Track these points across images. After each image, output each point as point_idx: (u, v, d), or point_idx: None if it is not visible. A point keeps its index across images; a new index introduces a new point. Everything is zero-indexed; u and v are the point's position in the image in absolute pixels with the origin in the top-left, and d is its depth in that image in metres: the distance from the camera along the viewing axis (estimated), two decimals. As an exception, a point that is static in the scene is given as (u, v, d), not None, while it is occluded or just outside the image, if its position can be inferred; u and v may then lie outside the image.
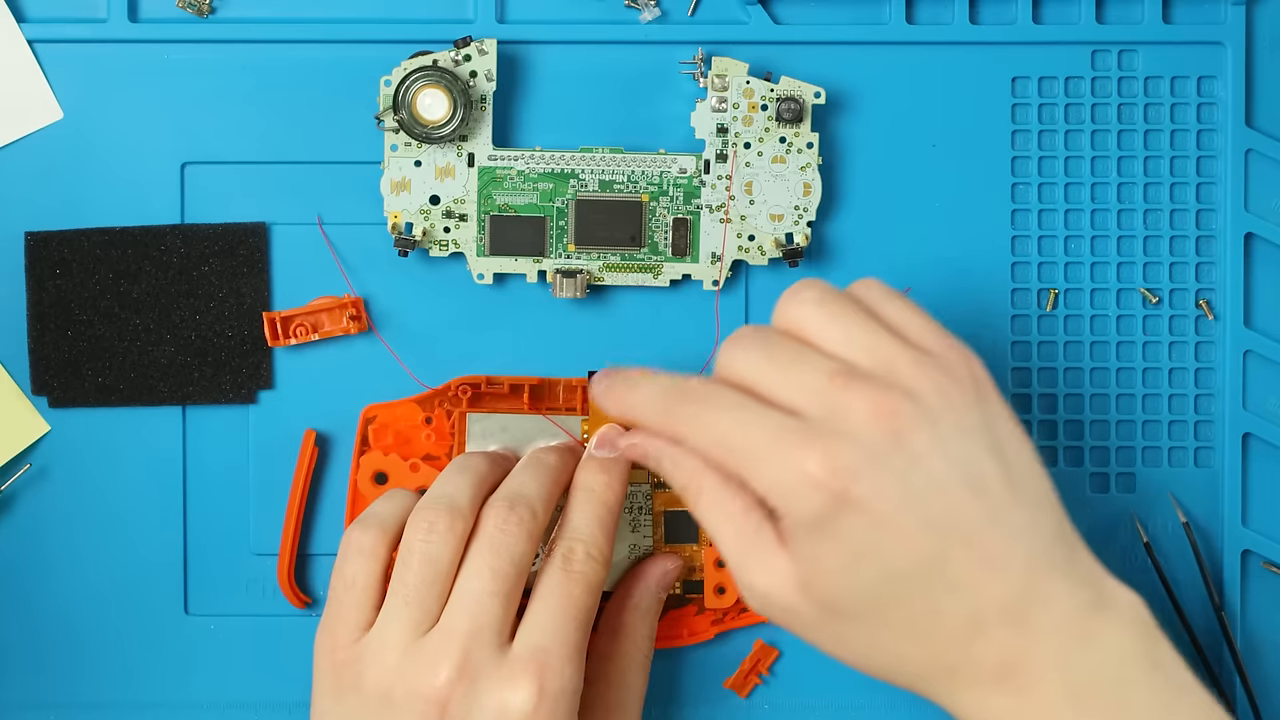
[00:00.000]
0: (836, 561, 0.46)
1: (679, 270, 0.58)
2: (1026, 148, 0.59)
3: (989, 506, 0.46)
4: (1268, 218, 0.59)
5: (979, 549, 0.46)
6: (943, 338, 0.49)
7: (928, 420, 0.46)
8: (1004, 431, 0.48)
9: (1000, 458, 0.47)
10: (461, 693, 0.50)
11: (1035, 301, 0.59)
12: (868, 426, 0.46)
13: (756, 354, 0.49)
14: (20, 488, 0.58)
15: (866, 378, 0.47)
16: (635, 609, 0.57)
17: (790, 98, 0.57)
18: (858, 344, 0.48)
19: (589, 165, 0.58)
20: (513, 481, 0.54)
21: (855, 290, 0.50)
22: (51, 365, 0.58)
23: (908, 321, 0.49)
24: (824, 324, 0.48)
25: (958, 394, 0.47)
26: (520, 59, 0.59)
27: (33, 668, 0.59)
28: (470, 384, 0.58)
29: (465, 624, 0.50)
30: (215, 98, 0.59)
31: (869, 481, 0.46)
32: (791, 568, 0.47)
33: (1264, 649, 0.60)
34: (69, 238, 0.58)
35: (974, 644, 0.46)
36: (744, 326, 0.50)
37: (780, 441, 0.47)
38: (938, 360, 0.48)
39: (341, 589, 0.53)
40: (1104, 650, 0.46)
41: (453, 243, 0.58)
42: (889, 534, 0.46)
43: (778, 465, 0.47)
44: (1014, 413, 0.49)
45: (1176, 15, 0.59)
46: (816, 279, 0.50)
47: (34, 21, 0.58)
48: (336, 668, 0.52)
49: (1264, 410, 0.59)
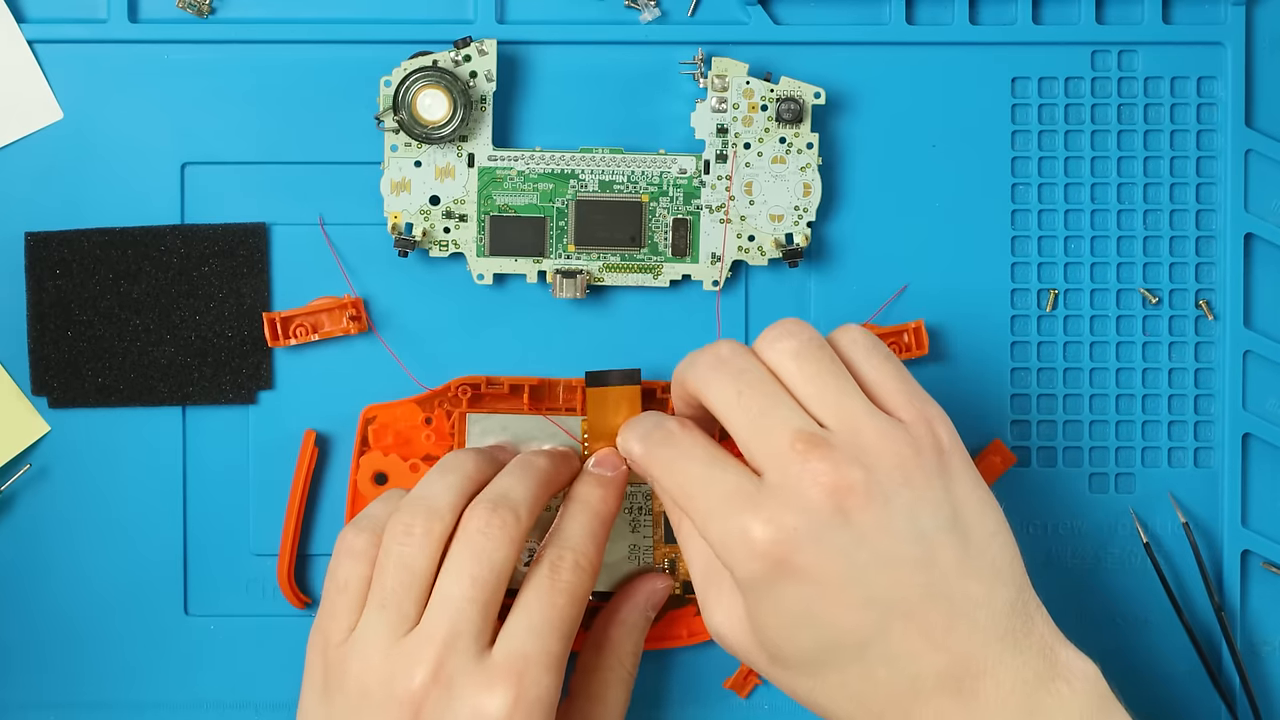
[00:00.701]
0: (775, 621, 0.48)
1: (679, 270, 0.58)
2: (1026, 148, 0.59)
3: (935, 580, 0.47)
4: (1268, 218, 0.59)
5: (919, 622, 0.46)
6: (914, 402, 0.49)
7: (881, 496, 0.47)
8: (965, 503, 0.48)
9: (956, 530, 0.47)
10: (437, 696, 0.50)
11: (1035, 301, 0.59)
12: (819, 499, 0.47)
13: (729, 391, 0.49)
14: (20, 488, 0.58)
15: (826, 448, 0.47)
16: (622, 625, 0.57)
17: (790, 98, 0.57)
18: (828, 404, 0.48)
19: (589, 165, 0.58)
20: (500, 483, 0.54)
21: (837, 340, 0.51)
22: (51, 365, 0.58)
23: (883, 381, 0.49)
24: (798, 379, 0.49)
25: (917, 467, 0.47)
26: (520, 59, 0.59)
27: (32, 668, 0.59)
28: (470, 384, 0.58)
29: (443, 629, 0.50)
30: (215, 98, 0.59)
31: (811, 553, 0.46)
32: (745, 614, 0.49)
33: (1264, 649, 0.60)
34: (69, 238, 0.58)
35: (912, 709, 0.47)
36: (723, 344, 0.51)
37: (731, 503, 0.48)
38: (904, 429, 0.48)
39: (334, 591, 0.53)
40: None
41: (453, 243, 0.58)
42: (827, 605, 0.47)
43: (725, 526, 0.48)
44: (980, 481, 0.49)
45: (1176, 15, 0.59)
46: (800, 324, 0.50)
47: (34, 21, 0.58)
48: (326, 666, 0.52)
49: (1264, 410, 0.59)
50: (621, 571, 0.58)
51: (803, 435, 0.47)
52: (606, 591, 0.58)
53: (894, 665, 0.47)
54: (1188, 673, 0.59)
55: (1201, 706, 0.60)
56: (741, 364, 0.50)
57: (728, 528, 0.48)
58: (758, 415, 0.48)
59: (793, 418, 0.48)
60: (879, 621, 0.46)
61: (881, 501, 0.47)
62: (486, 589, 0.51)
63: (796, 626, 0.48)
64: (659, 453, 0.51)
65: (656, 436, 0.51)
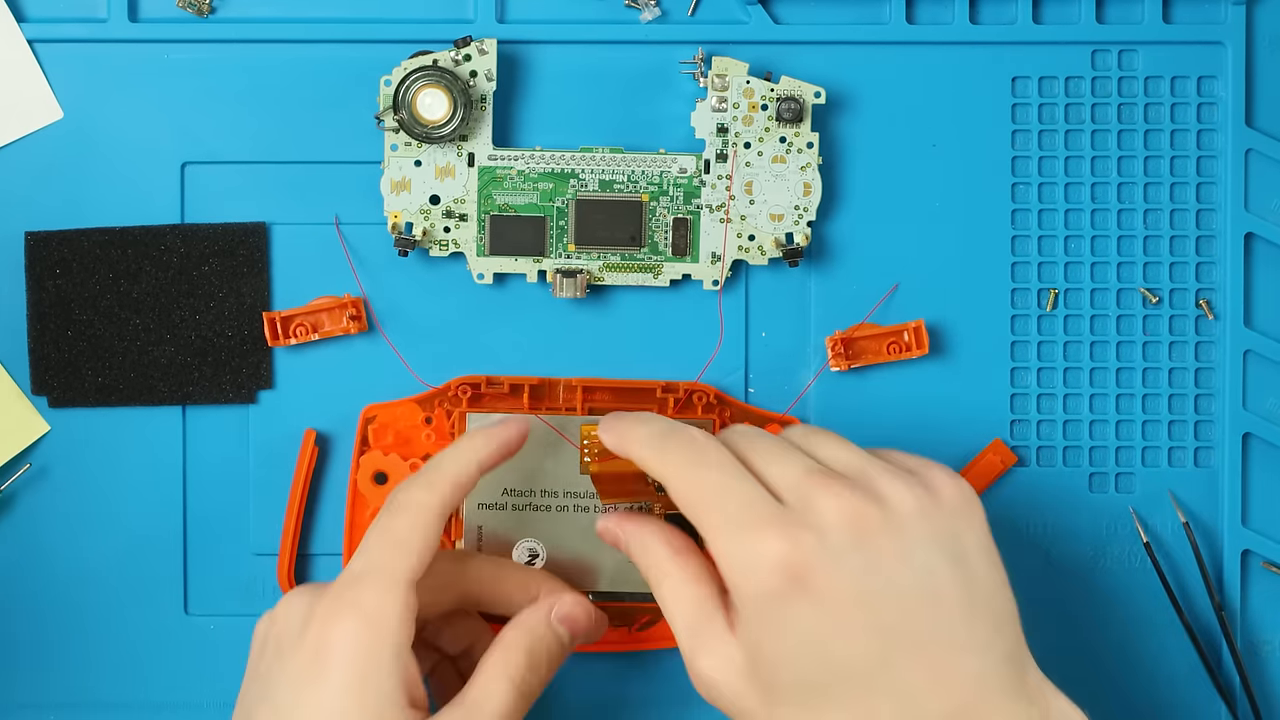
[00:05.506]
0: (780, 645, 0.47)
1: (679, 270, 0.58)
2: (1026, 147, 0.59)
3: (943, 618, 0.47)
4: (1268, 218, 0.59)
5: (926, 658, 0.46)
6: (929, 463, 0.50)
7: (897, 527, 0.47)
8: (974, 554, 0.48)
9: (964, 573, 0.47)
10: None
11: (1035, 301, 0.59)
12: (835, 523, 0.47)
13: (753, 435, 0.50)
14: (20, 488, 0.58)
15: (842, 478, 0.48)
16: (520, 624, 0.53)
17: (790, 98, 0.57)
18: (842, 460, 0.49)
19: (589, 165, 0.58)
20: None
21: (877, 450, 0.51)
22: (51, 365, 0.58)
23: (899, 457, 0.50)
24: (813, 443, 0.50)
25: (931, 505, 0.48)
26: (520, 59, 0.59)
27: (33, 667, 0.59)
28: (470, 384, 0.58)
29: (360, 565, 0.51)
30: (215, 98, 0.59)
31: (825, 575, 0.46)
32: (738, 653, 0.48)
33: (1264, 649, 0.60)
34: (69, 238, 0.58)
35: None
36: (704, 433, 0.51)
37: (749, 514, 0.47)
38: (918, 476, 0.49)
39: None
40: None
41: (453, 243, 0.58)
42: (836, 629, 0.46)
43: (740, 538, 0.47)
44: (993, 545, 0.49)
45: (1176, 15, 0.59)
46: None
47: (34, 21, 0.58)
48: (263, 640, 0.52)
49: (1264, 410, 0.59)
50: (625, 572, 0.58)
51: (819, 468, 0.48)
52: (607, 591, 0.58)
53: (899, 701, 0.46)
54: (1188, 673, 0.59)
55: (1201, 706, 0.60)
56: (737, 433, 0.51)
57: (744, 540, 0.47)
58: (780, 454, 0.49)
59: (807, 460, 0.49)
60: (884, 651, 0.46)
61: (897, 531, 0.47)
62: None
63: (801, 652, 0.47)
64: (674, 453, 0.50)
65: (673, 438, 0.50)
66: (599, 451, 0.58)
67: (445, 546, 0.58)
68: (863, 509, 0.47)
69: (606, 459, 0.58)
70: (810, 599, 0.46)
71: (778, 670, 0.47)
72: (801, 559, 0.46)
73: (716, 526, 0.48)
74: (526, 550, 0.58)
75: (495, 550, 0.58)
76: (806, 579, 0.46)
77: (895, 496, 0.47)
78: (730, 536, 0.47)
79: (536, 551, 0.58)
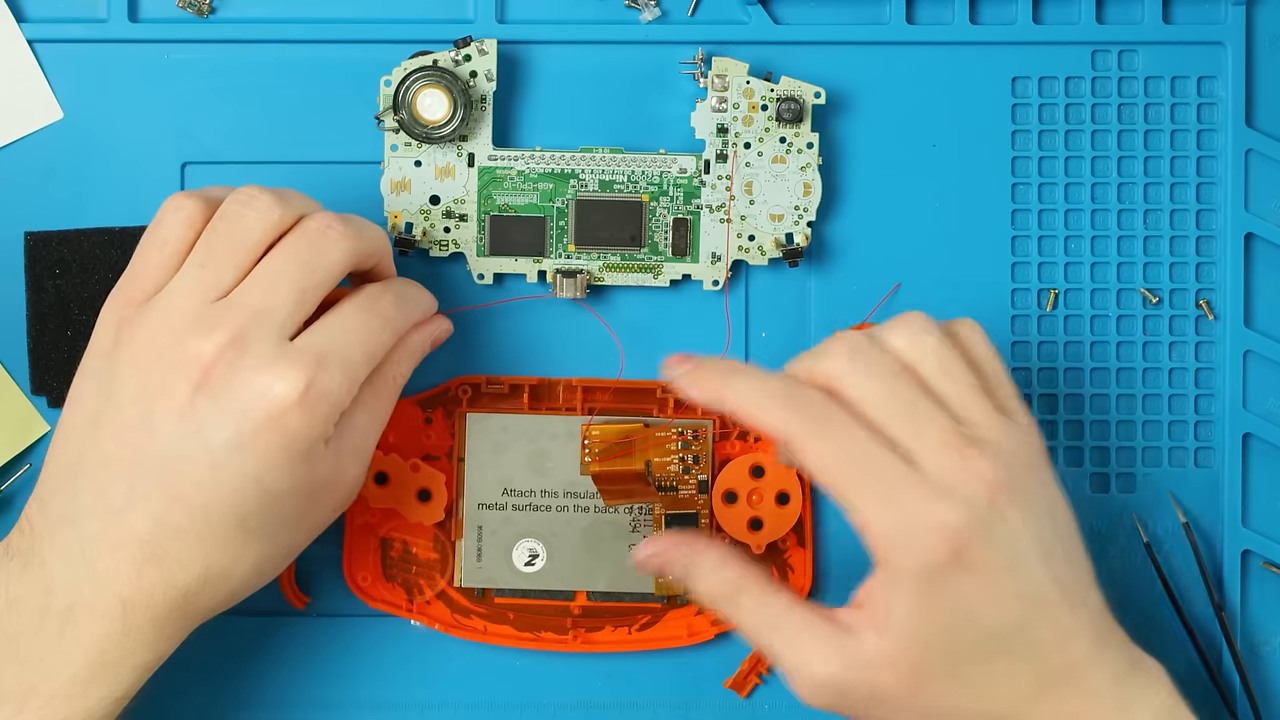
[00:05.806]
0: (938, 618, 0.48)
1: (679, 270, 0.58)
2: (1026, 148, 0.59)
3: (1058, 575, 0.49)
4: (1268, 218, 0.59)
5: (1051, 616, 0.48)
6: (1023, 406, 0.51)
7: (1023, 494, 0.48)
8: (1060, 508, 0.50)
9: (1063, 531, 0.50)
10: (227, 364, 0.49)
11: (1035, 301, 0.59)
12: (980, 493, 0.48)
13: (879, 387, 0.49)
14: (20, 488, 0.58)
15: (979, 447, 0.48)
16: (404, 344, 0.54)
17: (790, 98, 0.57)
18: (965, 405, 0.49)
19: (589, 165, 0.58)
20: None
21: (956, 332, 0.51)
22: (51, 365, 0.58)
23: (1000, 384, 0.51)
24: (938, 376, 0.49)
25: (1043, 467, 0.50)
26: (520, 59, 0.59)
27: (33, 668, 0.59)
28: (470, 384, 0.58)
29: (255, 300, 0.49)
30: (215, 98, 0.59)
31: (981, 546, 0.47)
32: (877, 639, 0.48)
33: (1264, 649, 0.60)
34: (69, 238, 0.58)
35: (1037, 705, 0.48)
36: (854, 335, 0.50)
37: (908, 488, 0.47)
38: (1020, 431, 0.50)
39: (151, 247, 0.51)
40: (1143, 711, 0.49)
41: (453, 243, 0.58)
42: (989, 598, 0.48)
43: (902, 510, 0.47)
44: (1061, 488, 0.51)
45: (1176, 15, 0.59)
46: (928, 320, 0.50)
47: (34, 21, 0.58)
48: (119, 325, 0.51)
49: (1264, 410, 0.59)
50: (625, 572, 0.58)
51: (956, 431, 0.48)
52: (607, 592, 0.58)
53: (1032, 660, 0.48)
54: (1188, 673, 0.59)
55: (1201, 706, 0.59)
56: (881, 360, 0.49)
57: (908, 512, 0.47)
58: (910, 406, 0.49)
59: (940, 414, 0.49)
60: (1024, 615, 0.48)
61: (1025, 498, 0.48)
62: (310, 278, 0.50)
63: (956, 623, 0.48)
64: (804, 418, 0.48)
65: (797, 401, 0.49)
66: (599, 451, 0.58)
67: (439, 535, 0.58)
68: (999, 478, 0.48)
69: (606, 459, 0.58)
70: (969, 570, 0.47)
71: (931, 646, 0.48)
72: (962, 530, 0.47)
73: (874, 496, 0.48)
74: (526, 550, 0.58)
75: (495, 550, 0.58)
76: (966, 551, 0.47)
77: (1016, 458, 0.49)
78: (893, 510, 0.47)
79: (536, 551, 0.58)
